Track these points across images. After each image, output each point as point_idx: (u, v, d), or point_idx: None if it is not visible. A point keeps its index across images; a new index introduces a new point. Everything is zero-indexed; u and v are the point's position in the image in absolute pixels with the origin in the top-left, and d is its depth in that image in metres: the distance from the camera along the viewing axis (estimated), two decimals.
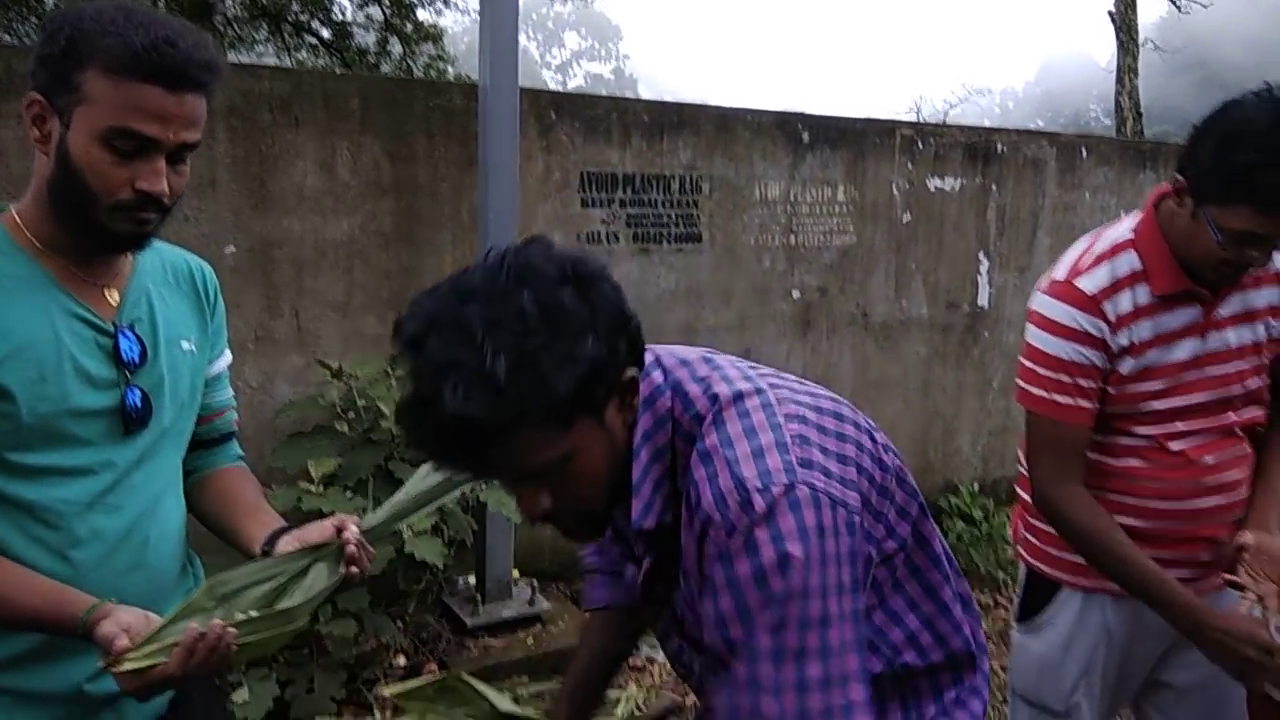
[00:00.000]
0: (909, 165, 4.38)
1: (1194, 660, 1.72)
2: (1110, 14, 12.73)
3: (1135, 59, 12.47)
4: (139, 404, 1.23)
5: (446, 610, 3.29)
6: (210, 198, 2.98)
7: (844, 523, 0.95)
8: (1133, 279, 1.61)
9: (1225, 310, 1.63)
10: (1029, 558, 1.82)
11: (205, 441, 1.43)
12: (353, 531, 1.28)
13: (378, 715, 2.78)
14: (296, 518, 2.56)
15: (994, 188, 4.63)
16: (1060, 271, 1.67)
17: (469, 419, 0.86)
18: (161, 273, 1.33)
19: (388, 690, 2.79)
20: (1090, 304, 1.60)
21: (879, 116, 4.42)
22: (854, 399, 4.32)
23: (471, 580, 3.37)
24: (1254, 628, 1.45)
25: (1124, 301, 1.60)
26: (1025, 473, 1.80)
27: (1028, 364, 1.67)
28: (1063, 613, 1.75)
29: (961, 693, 1.14)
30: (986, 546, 4.26)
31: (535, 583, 3.40)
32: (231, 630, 1.11)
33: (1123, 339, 1.60)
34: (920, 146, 4.40)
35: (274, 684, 2.57)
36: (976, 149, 4.56)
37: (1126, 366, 1.61)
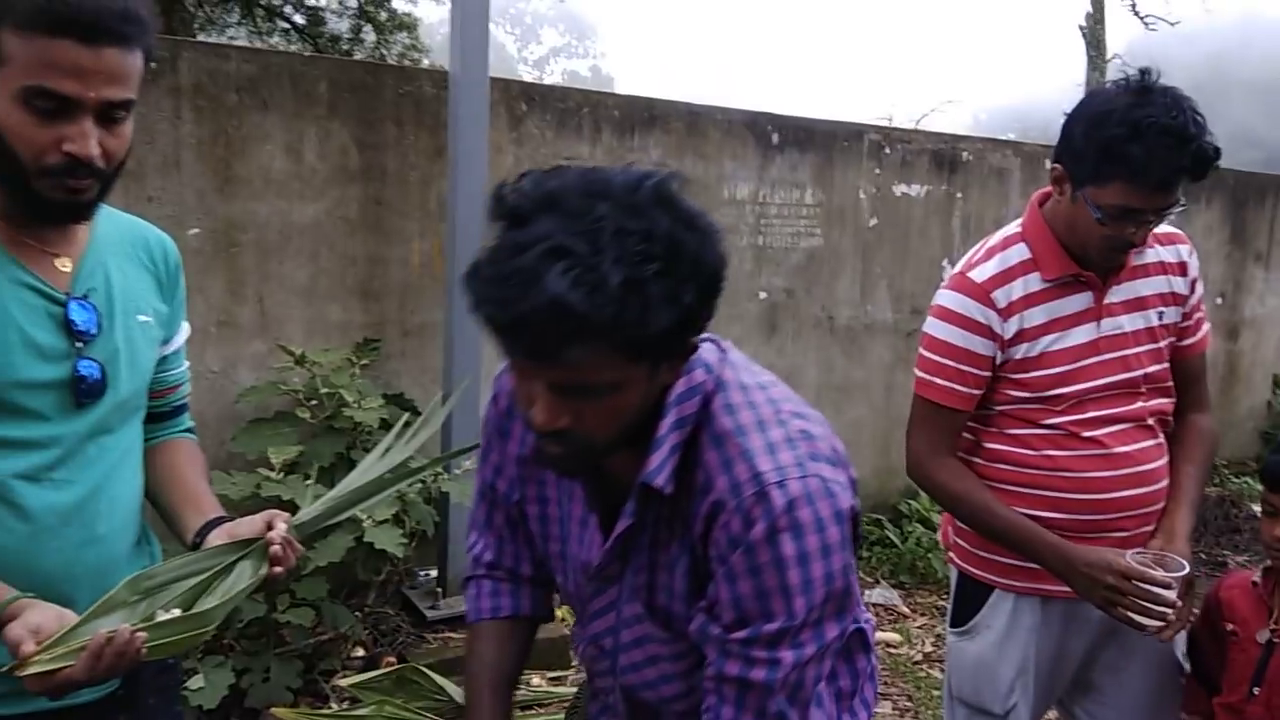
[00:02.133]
0: (876, 170, 4.42)
1: (1119, 664, 1.79)
2: (1081, 29, 12.93)
3: (1103, 74, 12.68)
4: (96, 375, 1.21)
5: (406, 602, 3.27)
6: (174, 178, 2.94)
7: (844, 512, 1.02)
8: (1024, 268, 1.70)
9: (1116, 297, 1.71)
10: (960, 562, 1.87)
11: (156, 414, 1.41)
12: (279, 530, 1.25)
13: (335, 706, 2.76)
14: (255, 504, 2.55)
15: (959, 195, 4.69)
16: (958, 267, 1.77)
17: (568, 308, 0.84)
18: (120, 243, 1.31)
19: (345, 681, 2.79)
20: (979, 291, 1.69)
21: (848, 120, 4.45)
22: (818, 402, 4.38)
23: (433, 573, 3.35)
24: (1113, 556, 1.55)
25: (1015, 289, 1.69)
26: None
27: (920, 351, 1.77)
28: (996, 616, 1.78)
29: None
30: (947, 551, 4.30)
31: None
32: (140, 635, 1.09)
33: (1013, 326, 1.68)
34: (888, 151, 4.45)
35: (229, 671, 2.55)
36: (943, 156, 4.61)
37: (1021, 352, 1.69)
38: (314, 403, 2.92)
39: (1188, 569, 1.56)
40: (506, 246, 0.88)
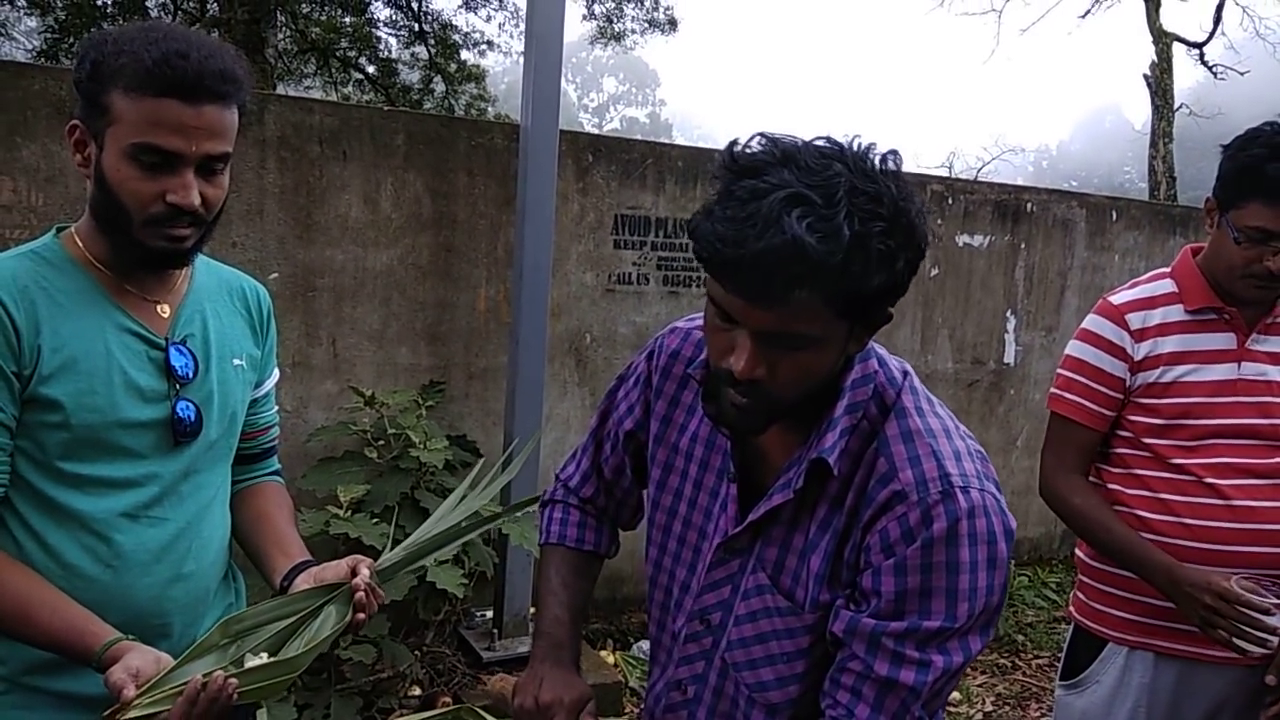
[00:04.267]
0: (938, 220, 4.42)
1: None
2: (1145, 77, 12.79)
3: (1170, 123, 12.49)
4: (192, 417, 1.27)
5: (463, 643, 3.31)
6: (257, 225, 3.07)
7: (1011, 532, 1.06)
8: (1167, 299, 1.77)
9: (1265, 346, 1.71)
10: (1077, 615, 1.86)
11: (247, 456, 1.47)
12: (363, 575, 1.28)
13: None
14: (324, 541, 2.61)
15: (1023, 246, 4.66)
16: (1105, 295, 1.85)
17: (804, 250, 0.88)
18: (217, 291, 1.38)
19: None
20: (1115, 313, 1.77)
21: (910, 170, 4.47)
22: None
23: (489, 614, 3.39)
24: (1216, 578, 1.55)
25: (1154, 316, 1.74)
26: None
27: (1058, 370, 1.84)
28: (1106, 670, 1.77)
29: None
30: (1006, 608, 4.23)
31: None
32: (233, 681, 1.12)
33: (1144, 349, 1.73)
34: (950, 202, 4.45)
35: (292, 707, 2.59)
36: (1006, 207, 4.59)
37: (1153, 377, 1.72)
38: (381, 443, 2.99)
39: None
40: (742, 193, 0.92)
